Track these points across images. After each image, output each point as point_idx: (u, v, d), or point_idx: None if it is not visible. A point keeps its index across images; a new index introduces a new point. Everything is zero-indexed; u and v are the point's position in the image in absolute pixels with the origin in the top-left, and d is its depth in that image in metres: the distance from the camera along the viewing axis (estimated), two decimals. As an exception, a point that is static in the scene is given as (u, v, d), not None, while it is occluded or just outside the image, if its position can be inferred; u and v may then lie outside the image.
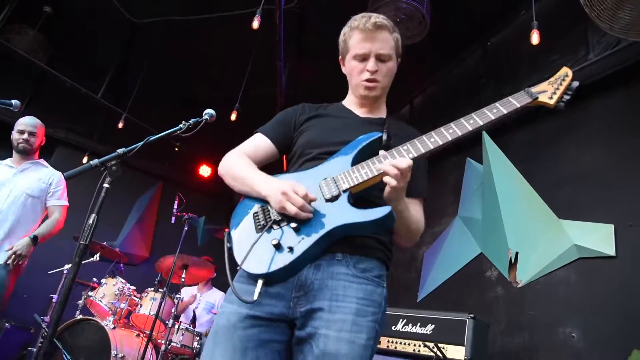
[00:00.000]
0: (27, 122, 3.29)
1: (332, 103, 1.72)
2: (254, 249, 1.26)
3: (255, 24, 3.54)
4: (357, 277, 1.31)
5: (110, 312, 3.93)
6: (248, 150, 1.56)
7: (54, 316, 1.58)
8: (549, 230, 3.40)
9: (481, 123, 1.37)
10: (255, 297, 1.19)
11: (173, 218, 4.47)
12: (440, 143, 1.36)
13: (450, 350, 2.84)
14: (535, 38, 3.13)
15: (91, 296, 4.09)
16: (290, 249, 1.24)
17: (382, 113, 1.65)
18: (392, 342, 3.15)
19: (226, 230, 1.36)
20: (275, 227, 1.30)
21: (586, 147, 3.44)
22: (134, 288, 4.18)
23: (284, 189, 1.29)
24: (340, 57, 1.65)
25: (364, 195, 1.36)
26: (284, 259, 1.23)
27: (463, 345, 2.81)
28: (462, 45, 4.98)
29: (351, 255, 1.33)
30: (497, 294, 3.68)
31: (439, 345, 2.86)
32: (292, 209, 1.27)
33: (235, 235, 1.34)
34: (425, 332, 3.02)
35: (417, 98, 5.62)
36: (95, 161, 1.76)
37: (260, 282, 1.22)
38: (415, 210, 1.47)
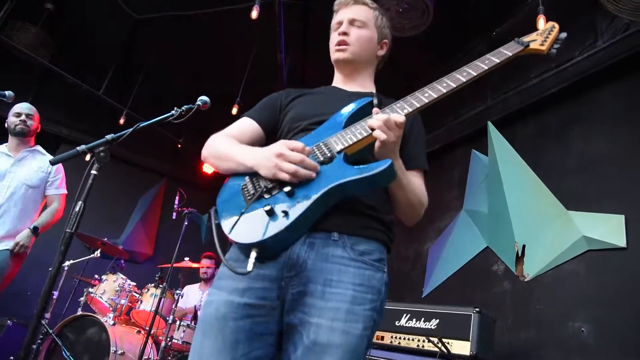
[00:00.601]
0: (23, 106, 3.28)
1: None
2: (245, 219, 1.15)
3: (254, 14, 3.48)
4: (354, 260, 1.20)
5: (110, 308, 3.90)
6: (233, 132, 1.47)
7: (38, 307, 1.53)
8: (557, 222, 3.31)
9: (474, 74, 1.30)
10: (250, 267, 1.06)
11: (174, 214, 4.43)
12: (435, 96, 1.28)
13: (456, 345, 2.76)
14: (541, 23, 3.03)
15: (92, 293, 4.06)
16: (285, 214, 1.12)
17: (370, 88, 1.59)
18: (396, 337, 3.07)
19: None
20: (266, 195, 1.18)
21: (594, 135, 3.34)
22: (135, 284, 4.15)
23: (278, 150, 1.19)
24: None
25: (360, 159, 1.26)
26: (279, 224, 1.11)
27: (468, 340, 2.72)
28: (467, 36, 4.88)
29: (349, 236, 1.22)
30: (504, 289, 3.58)
31: (444, 340, 2.79)
32: (290, 167, 1.15)
33: (223, 211, 1.22)
34: (429, 327, 2.94)
35: (422, 91, 5.53)
36: (83, 147, 1.70)
37: (253, 252, 1.09)
38: (415, 182, 1.39)
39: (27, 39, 5.18)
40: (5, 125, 3.26)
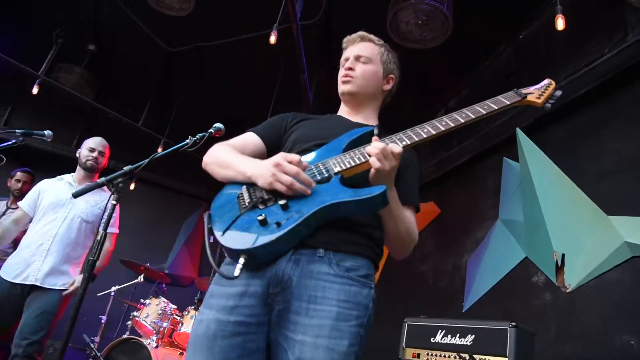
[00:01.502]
0: (98, 142, 3.31)
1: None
2: (238, 226, 1.18)
3: (272, 39, 3.58)
4: (339, 276, 1.21)
5: (153, 331, 4.04)
6: (236, 144, 1.53)
7: (66, 331, 1.63)
8: (597, 228, 3.13)
9: (472, 116, 1.37)
10: (236, 273, 1.09)
11: (212, 237, 4.55)
12: (433, 133, 1.34)
13: (492, 361, 2.66)
14: (560, 23, 2.94)
15: (137, 316, 4.23)
16: (278, 225, 1.15)
17: (372, 122, 1.64)
18: (432, 354, 2.99)
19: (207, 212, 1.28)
20: (261, 206, 1.21)
21: (631, 133, 3.16)
22: (176, 307, 4.28)
23: (276, 160, 1.23)
24: None
25: (356, 183, 1.29)
26: (270, 235, 1.14)
27: (505, 356, 2.61)
28: (492, 42, 4.80)
29: (335, 253, 1.23)
30: (545, 301, 3.42)
31: (480, 356, 2.69)
32: (285, 179, 1.18)
33: (217, 216, 1.25)
34: (465, 343, 2.85)
35: (452, 101, 5.45)
36: (102, 179, 1.82)
37: (242, 259, 1.12)
38: (407, 215, 1.41)
39: (73, 79, 5.59)
40: (77, 154, 3.29)
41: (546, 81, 1.47)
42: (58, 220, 3.02)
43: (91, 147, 3.26)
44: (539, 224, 3.42)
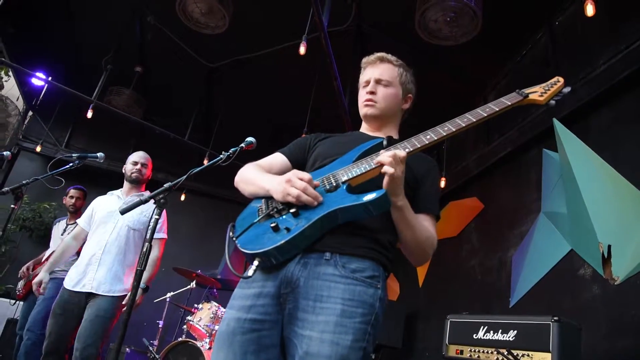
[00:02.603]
0: (140, 155, 3.53)
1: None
2: (254, 232, 1.32)
3: (302, 50, 3.70)
4: (345, 277, 1.30)
5: (206, 334, 4.26)
6: (263, 163, 1.68)
7: (118, 336, 1.80)
8: (645, 218, 3.02)
9: (474, 120, 1.41)
10: (251, 273, 1.23)
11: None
12: (435, 138, 1.40)
13: (536, 357, 2.62)
14: (590, 9, 2.86)
15: (190, 320, 4.47)
16: (288, 230, 1.28)
17: (392, 135, 1.72)
18: (475, 350, 2.99)
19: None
20: (276, 215, 1.34)
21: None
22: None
23: (288, 176, 1.36)
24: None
25: (363, 190, 1.37)
26: (280, 238, 1.27)
27: (549, 351, 2.58)
28: (527, 30, 4.70)
29: (341, 255, 1.33)
30: (593, 294, 3.32)
31: (523, 352, 2.67)
32: (294, 192, 1.31)
33: (239, 227, 1.39)
34: (507, 339, 2.83)
35: (491, 94, 5.36)
36: (146, 196, 1.99)
37: (256, 261, 1.26)
38: (424, 223, 1.47)
39: (123, 100, 5.97)
40: (123, 170, 3.51)
41: (554, 79, 1.48)
42: (108, 230, 3.24)
43: (134, 160, 3.48)
44: (582, 215, 3.33)
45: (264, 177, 1.52)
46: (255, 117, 6.69)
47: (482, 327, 3.01)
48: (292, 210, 1.32)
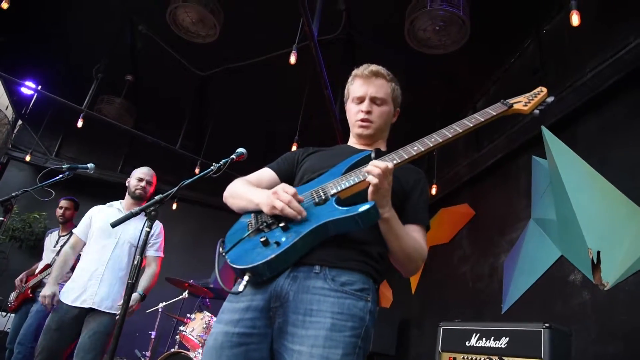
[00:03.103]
0: (145, 172, 3.48)
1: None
2: (243, 247, 1.32)
3: (292, 60, 3.72)
4: (334, 290, 1.30)
5: (199, 344, 4.23)
6: (252, 179, 1.68)
7: (111, 348, 1.78)
8: (633, 224, 3.06)
9: (460, 130, 1.42)
10: (241, 288, 1.22)
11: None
12: (422, 150, 1.41)
13: (528, 364, 2.65)
14: (575, 19, 2.91)
15: (183, 331, 4.44)
16: (277, 244, 1.27)
17: (381, 148, 1.72)
18: (467, 358, 3.01)
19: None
20: (266, 230, 1.34)
21: (662, 125, 3.07)
22: (219, 320, 4.45)
23: (274, 189, 1.37)
24: (345, 104, 1.78)
25: (352, 203, 1.37)
26: (270, 252, 1.26)
27: (541, 358, 2.60)
28: (515, 39, 4.77)
29: (330, 269, 1.32)
30: (583, 300, 3.35)
31: (514, 359, 2.69)
32: (279, 204, 1.31)
33: (229, 242, 1.39)
34: (499, 346, 2.85)
35: (480, 102, 5.41)
36: (137, 209, 1.98)
37: (246, 276, 1.25)
38: (413, 234, 1.48)
39: (114, 109, 5.96)
40: (127, 183, 3.47)
41: (537, 89, 1.49)
42: (109, 247, 3.20)
43: (140, 177, 3.43)
44: (571, 221, 3.37)
45: (251, 190, 1.52)
46: (246, 125, 6.69)
47: (474, 334, 3.02)
48: (281, 225, 1.31)
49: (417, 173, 1.62)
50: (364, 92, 1.64)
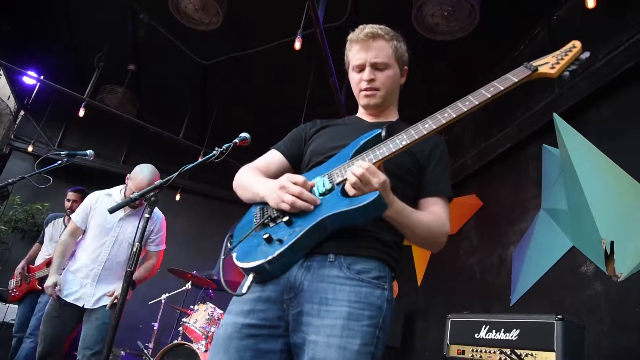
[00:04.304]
0: (150, 177, 3.23)
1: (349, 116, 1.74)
2: (248, 244, 1.26)
3: (297, 45, 3.64)
4: (350, 279, 1.23)
5: (202, 335, 4.18)
6: (260, 164, 1.59)
7: (108, 340, 1.72)
8: (648, 213, 2.97)
9: (476, 102, 1.25)
10: (244, 290, 1.18)
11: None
12: (434, 127, 1.26)
13: (540, 357, 2.56)
14: (591, 1, 2.80)
15: (186, 322, 4.39)
16: (280, 242, 1.21)
17: (392, 118, 1.62)
18: (477, 350, 2.93)
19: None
20: (271, 224, 1.28)
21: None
22: (222, 312, 4.41)
23: (281, 182, 1.29)
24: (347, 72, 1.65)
25: None
26: (272, 251, 1.20)
27: (553, 350, 2.52)
28: (524, 25, 4.65)
29: (345, 257, 1.26)
30: (596, 291, 3.26)
31: (526, 351, 2.62)
32: (288, 198, 1.23)
33: (237, 237, 1.34)
34: (510, 338, 2.77)
35: (488, 90, 5.30)
36: (135, 194, 1.91)
37: (250, 276, 1.20)
38: (427, 215, 1.39)
39: (116, 99, 5.89)
40: (126, 180, 3.32)
41: (569, 44, 1.31)
42: (107, 245, 3.15)
43: (143, 185, 3.15)
44: (584, 211, 3.28)
45: (258, 182, 1.44)
46: (250, 114, 6.61)
47: (484, 326, 2.94)
48: (284, 219, 1.25)
49: (432, 140, 1.48)
50: (363, 59, 1.51)
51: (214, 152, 2.15)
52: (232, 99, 6.46)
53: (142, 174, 3.23)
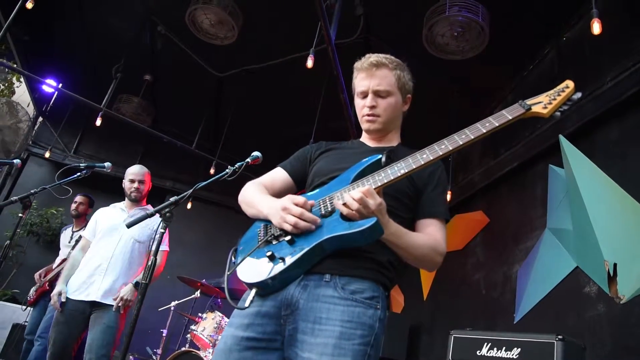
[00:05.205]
0: (136, 172, 3.53)
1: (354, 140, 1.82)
2: (251, 261, 1.34)
3: (309, 63, 3.73)
4: (344, 299, 1.30)
5: (210, 344, 4.26)
6: (265, 181, 1.67)
7: (122, 348, 1.81)
8: (651, 237, 3.00)
9: (472, 137, 1.31)
10: (247, 304, 1.26)
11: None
12: (431, 158, 1.33)
13: (540, 376, 2.61)
14: (596, 28, 2.87)
15: (194, 330, 4.47)
16: (282, 260, 1.29)
17: (393, 143, 1.69)
18: (478, 367, 2.98)
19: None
20: (274, 242, 1.35)
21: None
22: (230, 320, 4.48)
23: (284, 204, 1.36)
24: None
25: None
26: (275, 269, 1.28)
27: (553, 370, 2.57)
28: (534, 46, 4.71)
29: (340, 277, 1.33)
30: (598, 312, 3.29)
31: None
32: (291, 219, 1.31)
33: (241, 252, 1.41)
34: (511, 357, 2.82)
35: (496, 109, 5.36)
36: (152, 210, 2.01)
37: (253, 291, 1.28)
38: (427, 230, 1.47)
39: (131, 108, 6.04)
40: (122, 185, 3.56)
41: (563, 84, 1.34)
42: (114, 243, 3.29)
43: (131, 178, 3.51)
44: (587, 233, 3.32)
45: (262, 199, 1.51)
46: (262, 127, 6.74)
47: (485, 343, 2.99)
48: (287, 238, 1.32)
49: (431, 165, 1.51)
50: (367, 86, 1.58)
51: (227, 170, 2.25)
52: (244, 111, 6.58)
53: (130, 168, 3.58)
